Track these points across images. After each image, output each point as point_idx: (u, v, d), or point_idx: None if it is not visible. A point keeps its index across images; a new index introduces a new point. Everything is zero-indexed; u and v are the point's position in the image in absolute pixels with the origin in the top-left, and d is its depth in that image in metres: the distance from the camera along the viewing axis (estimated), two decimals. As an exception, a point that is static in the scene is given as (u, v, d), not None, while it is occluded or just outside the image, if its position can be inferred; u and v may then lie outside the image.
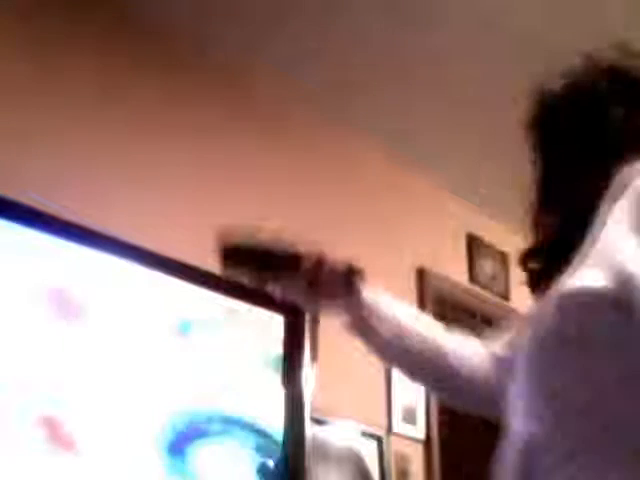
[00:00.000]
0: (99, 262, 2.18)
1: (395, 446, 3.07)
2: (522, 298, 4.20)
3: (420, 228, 3.57)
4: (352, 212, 3.31)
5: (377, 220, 3.40)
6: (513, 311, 3.70)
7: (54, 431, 1.91)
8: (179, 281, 2.34)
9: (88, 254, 2.16)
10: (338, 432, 2.85)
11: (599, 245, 0.89)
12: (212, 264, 2.42)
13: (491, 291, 3.76)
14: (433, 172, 3.62)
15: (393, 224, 3.46)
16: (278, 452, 2.28)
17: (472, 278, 3.72)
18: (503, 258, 3.86)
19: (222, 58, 2.94)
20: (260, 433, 2.33)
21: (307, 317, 2.66)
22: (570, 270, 0.91)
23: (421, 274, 3.48)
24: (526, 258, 1.12)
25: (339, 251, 3.33)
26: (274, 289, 1.40)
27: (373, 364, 3.13)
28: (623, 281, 0.83)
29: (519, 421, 0.91)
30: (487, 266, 3.80)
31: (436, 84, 3.07)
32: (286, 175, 3.12)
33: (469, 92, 3.07)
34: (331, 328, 2.99)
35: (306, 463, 2.40)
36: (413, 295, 3.43)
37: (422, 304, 3.43)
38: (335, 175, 3.31)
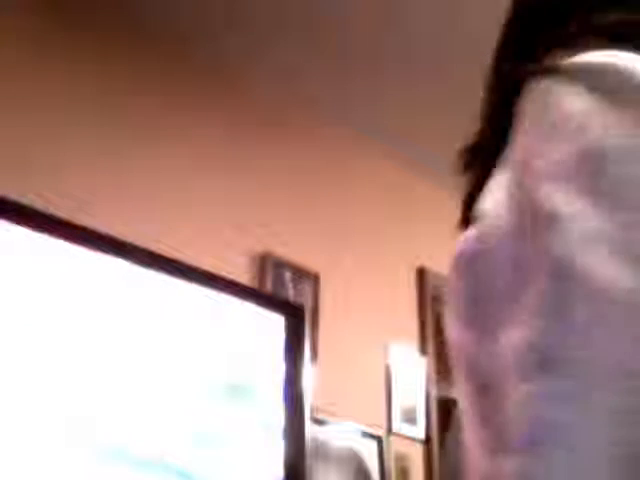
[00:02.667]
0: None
1: (395, 446, 3.07)
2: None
3: (420, 228, 3.57)
4: (352, 213, 3.31)
5: (377, 220, 3.40)
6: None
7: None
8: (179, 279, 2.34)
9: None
10: (338, 432, 2.85)
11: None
12: (213, 267, 2.42)
13: (491, 291, 3.76)
14: (433, 172, 3.62)
15: (393, 224, 3.46)
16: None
17: (472, 278, 3.71)
18: (503, 258, 3.86)
19: (221, 62, 2.94)
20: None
21: (307, 317, 2.66)
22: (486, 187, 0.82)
23: (421, 274, 3.48)
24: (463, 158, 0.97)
25: (340, 251, 3.35)
26: None
27: (373, 364, 3.14)
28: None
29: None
30: (487, 266, 3.80)
31: (437, 84, 3.08)
32: (286, 177, 3.12)
33: (471, 93, 3.07)
34: (331, 328, 3.00)
35: (306, 463, 2.40)
36: (413, 295, 3.43)
37: (422, 304, 3.43)
38: (335, 176, 3.31)
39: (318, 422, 2.72)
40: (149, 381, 2.18)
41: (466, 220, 0.85)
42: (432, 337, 3.40)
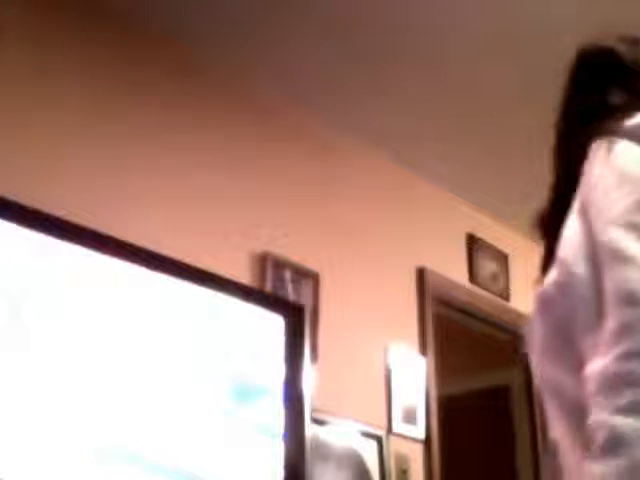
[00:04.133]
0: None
1: (395, 446, 3.07)
2: (522, 298, 4.20)
3: (420, 228, 3.57)
4: (352, 213, 3.31)
5: (377, 220, 3.40)
6: (513, 311, 3.70)
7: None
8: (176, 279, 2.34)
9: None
10: (338, 432, 2.86)
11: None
12: (213, 267, 2.42)
13: (491, 291, 3.76)
14: (434, 173, 3.62)
15: (393, 224, 3.46)
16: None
17: (472, 278, 3.72)
18: (503, 258, 3.86)
19: (221, 63, 2.94)
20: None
21: (307, 317, 2.66)
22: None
23: (421, 274, 3.48)
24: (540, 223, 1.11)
25: (340, 251, 3.34)
26: None
27: (373, 364, 3.14)
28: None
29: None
30: (487, 266, 3.80)
31: (437, 85, 3.07)
32: (285, 177, 3.12)
33: (470, 93, 3.07)
34: (331, 328, 3.00)
35: (306, 463, 2.40)
36: (413, 295, 3.43)
37: (422, 304, 3.43)
38: (335, 176, 3.31)
39: (318, 422, 2.72)
40: (149, 381, 2.18)
41: (545, 267, 1.00)
42: (432, 337, 3.40)
